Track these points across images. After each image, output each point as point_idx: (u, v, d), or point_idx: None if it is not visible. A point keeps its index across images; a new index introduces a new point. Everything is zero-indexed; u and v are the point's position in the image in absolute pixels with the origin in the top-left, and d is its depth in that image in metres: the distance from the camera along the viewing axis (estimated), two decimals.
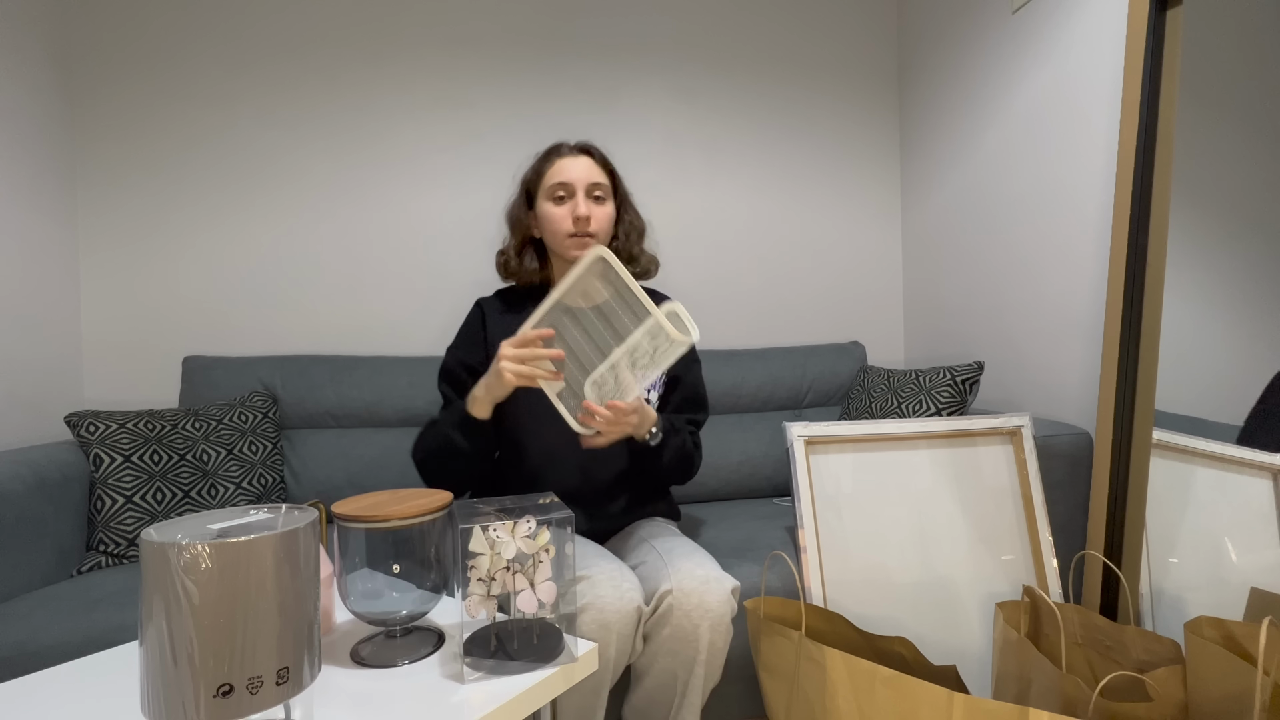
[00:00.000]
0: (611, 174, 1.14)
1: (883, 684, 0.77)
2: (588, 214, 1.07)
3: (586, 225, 1.07)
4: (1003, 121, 1.58)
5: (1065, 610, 0.99)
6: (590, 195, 1.09)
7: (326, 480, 1.53)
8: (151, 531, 0.50)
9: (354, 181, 1.75)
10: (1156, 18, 1.06)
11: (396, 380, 1.61)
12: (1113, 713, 0.75)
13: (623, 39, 1.88)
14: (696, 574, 0.92)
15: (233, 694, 0.47)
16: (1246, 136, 0.96)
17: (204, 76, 1.67)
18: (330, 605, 0.80)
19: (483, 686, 0.65)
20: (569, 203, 1.08)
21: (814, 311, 2.00)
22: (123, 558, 1.25)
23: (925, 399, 1.45)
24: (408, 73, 1.77)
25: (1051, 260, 1.45)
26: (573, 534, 0.73)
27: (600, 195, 1.10)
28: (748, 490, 1.69)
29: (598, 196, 1.10)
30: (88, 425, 1.28)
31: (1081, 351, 1.38)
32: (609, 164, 1.14)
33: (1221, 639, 0.81)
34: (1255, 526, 0.94)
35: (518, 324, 1.14)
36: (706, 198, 1.93)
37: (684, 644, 0.91)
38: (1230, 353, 0.97)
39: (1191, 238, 1.02)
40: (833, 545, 1.11)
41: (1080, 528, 1.24)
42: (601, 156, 1.13)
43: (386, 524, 0.69)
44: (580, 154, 1.11)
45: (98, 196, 1.63)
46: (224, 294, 1.69)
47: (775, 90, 1.96)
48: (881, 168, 2.03)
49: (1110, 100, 1.29)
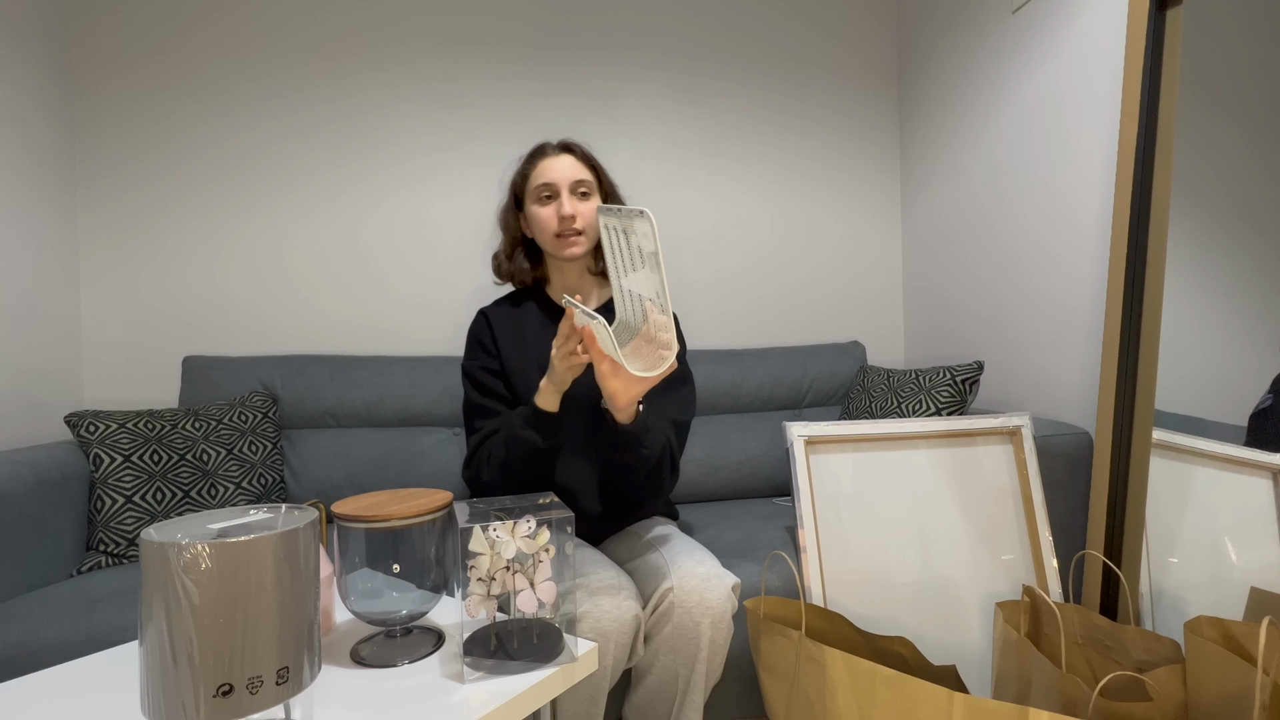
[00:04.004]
0: (595, 169, 1.14)
1: (883, 684, 0.77)
2: (573, 213, 1.08)
3: (572, 224, 1.08)
4: (1003, 121, 1.58)
5: (1065, 610, 0.99)
6: (575, 193, 1.10)
7: (326, 480, 1.53)
8: (151, 531, 0.50)
9: (354, 181, 1.75)
10: (1156, 17, 1.06)
11: (396, 380, 1.61)
12: (1112, 712, 0.75)
13: (623, 39, 1.88)
14: (697, 571, 0.92)
15: (233, 694, 0.47)
16: (1246, 136, 0.96)
17: (204, 77, 1.67)
18: (330, 605, 0.80)
19: (483, 686, 0.65)
20: (554, 203, 1.09)
21: (814, 311, 2.00)
22: (123, 558, 1.25)
23: (925, 399, 1.45)
24: (408, 73, 1.77)
25: (1051, 260, 1.45)
26: (572, 534, 0.73)
27: (585, 191, 1.11)
28: (748, 490, 1.69)
29: (583, 193, 1.11)
30: (88, 425, 1.28)
31: (1081, 351, 1.38)
32: (591, 159, 1.15)
33: (1221, 639, 0.81)
34: (1255, 526, 0.94)
35: (521, 325, 1.14)
36: (706, 198, 1.93)
37: (685, 641, 0.91)
38: (1230, 352, 0.97)
39: (1191, 237, 1.02)
40: (833, 545, 1.11)
41: (1080, 528, 1.24)
42: (583, 152, 1.14)
43: (386, 524, 0.69)
44: (562, 152, 1.12)
45: (98, 196, 1.63)
46: (224, 294, 1.69)
47: (775, 90, 1.96)
48: (881, 168, 2.03)
49: (1110, 100, 1.29)
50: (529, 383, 1.08)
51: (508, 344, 1.12)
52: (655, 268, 0.79)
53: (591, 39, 1.86)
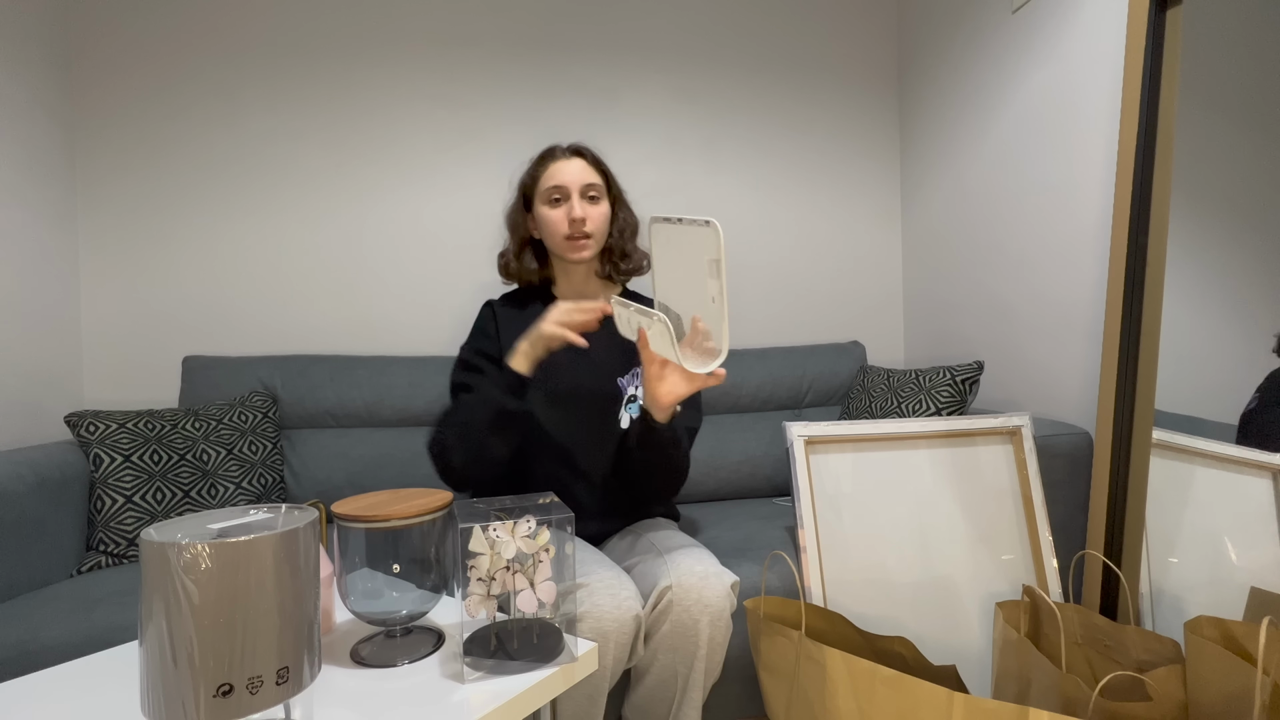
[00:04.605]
0: (605, 173, 1.15)
1: (883, 684, 0.77)
2: (583, 215, 1.09)
3: (582, 227, 1.09)
4: (1003, 121, 1.58)
5: (1065, 610, 0.99)
6: (585, 196, 1.11)
7: (326, 480, 1.53)
8: (151, 531, 0.50)
9: (354, 181, 1.75)
10: (1156, 18, 1.06)
11: (396, 380, 1.61)
12: (1112, 712, 0.75)
13: (623, 39, 1.88)
14: (696, 569, 0.93)
15: (233, 694, 0.47)
16: (1246, 136, 0.96)
17: (204, 76, 1.67)
18: (330, 605, 0.80)
19: (483, 686, 0.65)
20: (564, 205, 1.10)
21: (814, 311, 2.00)
22: (123, 558, 1.25)
23: (925, 399, 1.45)
24: (408, 73, 1.77)
25: (1051, 260, 1.45)
26: (572, 534, 0.73)
27: (595, 195, 1.12)
28: (748, 490, 1.69)
29: (592, 197, 1.12)
30: (88, 425, 1.28)
31: (1081, 351, 1.38)
32: (602, 164, 1.16)
33: (1221, 639, 0.81)
34: (1255, 526, 0.94)
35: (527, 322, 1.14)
36: (706, 198, 1.93)
37: (684, 640, 0.91)
38: (1230, 352, 0.97)
39: (1191, 237, 1.02)
40: (833, 545, 1.11)
41: (1080, 528, 1.24)
42: (594, 157, 1.15)
43: (386, 524, 0.69)
44: (573, 156, 1.13)
45: (98, 196, 1.63)
46: (224, 294, 1.69)
47: (775, 90, 1.96)
48: (881, 168, 2.03)
49: (1110, 100, 1.29)
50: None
51: (510, 339, 1.13)
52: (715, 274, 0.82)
53: (591, 39, 1.86)
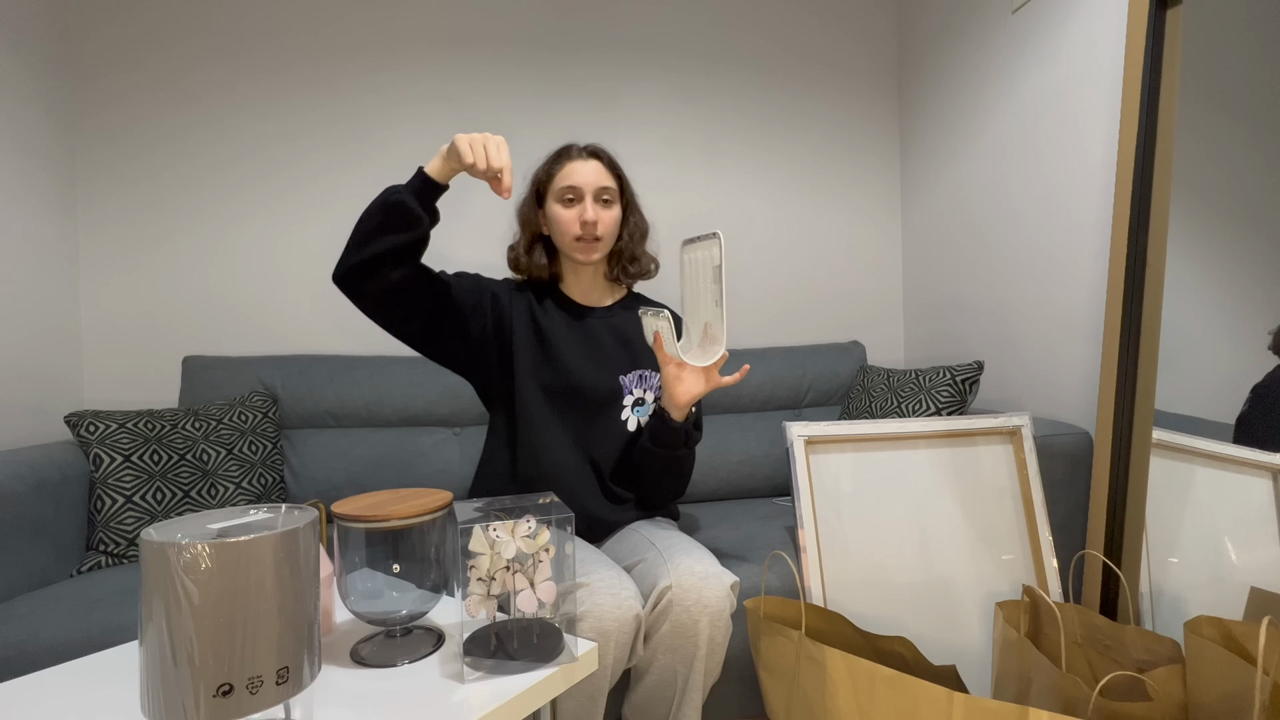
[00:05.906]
0: (619, 177, 1.15)
1: (883, 684, 0.77)
2: (595, 219, 1.09)
3: (593, 230, 1.09)
4: (1003, 121, 1.58)
5: (1065, 610, 0.99)
6: (598, 199, 1.11)
7: (326, 480, 1.53)
8: (151, 531, 0.50)
9: (354, 181, 1.75)
10: (1156, 17, 1.06)
11: (396, 380, 1.61)
12: (1112, 712, 0.75)
13: (623, 39, 1.88)
14: (695, 570, 0.93)
15: (233, 694, 0.47)
16: (1247, 136, 0.96)
17: (204, 76, 1.67)
18: (330, 605, 0.80)
19: (483, 686, 0.65)
20: (577, 206, 1.10)
21: (814, 311, 2.00)
22: (123, 558, 1.25)
23: (925, 399, 1.45)
24: (408, 73, 1.77)
25: (1051, 260, 1.45)
26: (572, 534, 0.73)
27: (608, 199, 1.12)
28: (748, 490, 1.69)
29: (605, 200, 1.11)
30: (88, 425, 1.28)
31: (1081, 351, 1.38)
32: (617, 167, 1.15)
33: (1221, 638, 0.81)
34: (1255, 526, 0.94)
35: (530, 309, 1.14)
36: (706, 198, 1.93)
37: (684, 640, 0.91)
38: (1230, 352, 0.97)
39: (1191, 237, 1.02)
40: (833, 545, 1.11)
41: (1080, 527, 1.24)
42: (610, 160, 1.14)
43: (386, 524, 0.69)
44: (590, 158, 1.12)
45: (98, 196, 1.63)
46: (224, 294, 1.69)
47: (775, 90, 1.96)
48: (881, 168, 2.03)
49: (1110, 100, 1.29)
50: (521, 363, 1.09)
51: (513, 313, 1.13)
52: (717, 279, 0.91)
53: (591, 39, 1.86)
